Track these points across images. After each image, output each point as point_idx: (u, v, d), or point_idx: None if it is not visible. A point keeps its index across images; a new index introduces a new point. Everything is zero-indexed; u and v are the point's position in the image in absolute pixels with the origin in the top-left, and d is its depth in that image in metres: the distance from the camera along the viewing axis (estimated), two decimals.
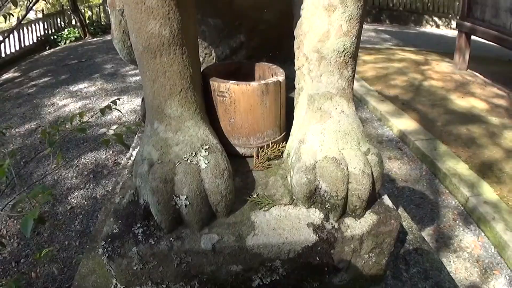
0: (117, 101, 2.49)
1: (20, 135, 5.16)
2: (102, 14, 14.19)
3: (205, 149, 1.07)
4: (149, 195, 1.03)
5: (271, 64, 1.41)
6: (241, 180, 1.18)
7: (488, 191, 3.73)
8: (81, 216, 3.47)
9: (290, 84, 1.37)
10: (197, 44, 1.27)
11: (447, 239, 3.32)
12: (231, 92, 1.18)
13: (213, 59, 1.67)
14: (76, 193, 3.84)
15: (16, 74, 8.59)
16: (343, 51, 1.15)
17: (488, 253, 3.17)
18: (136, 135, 2.05)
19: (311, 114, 1.19)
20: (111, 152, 4.57)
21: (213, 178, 1.02)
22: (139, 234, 1.06)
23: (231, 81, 1.19)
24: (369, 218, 1.13)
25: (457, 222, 3.51)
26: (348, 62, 1.18)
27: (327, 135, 1.12)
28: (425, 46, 10.79)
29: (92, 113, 5.64)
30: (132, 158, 1.74)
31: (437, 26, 16.64)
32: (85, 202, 3.69)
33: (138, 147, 1.18)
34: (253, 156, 1.26)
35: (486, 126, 5.16)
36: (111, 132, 4.74)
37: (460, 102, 5.95)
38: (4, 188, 2.41)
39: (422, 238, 1.53)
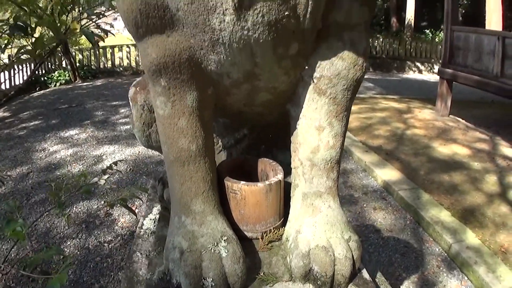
0: (108, 150, 2.76)
1: (11, 179, 5.30)
2: (92, 58, 14.39)
3: (224, 240, 1.40)
4: (182, 277, 1.34)
5: (271, 161, 1.76)
6: (250, 260, 1.49)
7: (471, 236, 4.01)
8: (74, 265, 3.61)
9: (286, 168, 1.71)
10: (214, 151, 1.61)
11: (431, 286, 3.56)
12: (242, 191, 1.52)
13: (220, 147, 2.02)
14: (69, 242, 3.99)
15: (6, 114, 8.73)
16: (330, 160, 1.52)
17: None
18: (145, 204, 2.28)
19: (305, 209, 1.54)
20: (102, 202, 4.71)
21: (232, 265, 1.35)
22: None
23: (242, 182, 1.54)
24: None
25: (441, 268, 3.77)
26: (333, 167, 1.54)
27: (318, 227, 1.47)
28: (408, 93, 11.16)
29: (84, 162, 5.85)
30: (144, 227, 2.02)
31: (420, 71, 17.11)
32: (78, 252, 3.85)
33: (167, 236, 1.51)
34: (258, 239, 1.59)
35: (468, 172, 5.46)
36: (102, 181, 4.93)
37: (443, 149, 6.26)
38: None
39: None
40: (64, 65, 13.31)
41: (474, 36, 7.78)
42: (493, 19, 14.63)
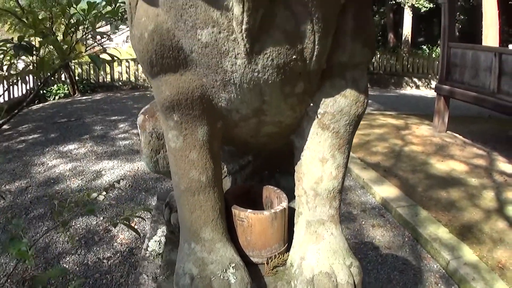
0: (107, 165, 2.81)
1: (10, 192, 5.35)
2: (91, 72, 14.44)
3: (233, 266, 1.47)
4: None
5: (275, 188, 1.83)
6: (256, 284, 1.55)
7: (468, 253, 4.08)
8: (73, 282, 3.62)
9: (288, 193, 1.78)
10: (222, 181, 1.69)
11: None
12: (248, 219, 1.59)
13: (225, 172, 2.09)
14: (68, 258, 4.04)
15: (5, 127, 8.68)
16: (332, 189, 1.60)
17: None
18: (149, 225, 2.29)
19: (309, 236, 1.61)
20: (101, 218, 4.76)
21: None
22: None
23: (249, 211, 1.60)
24: None
25: (439, 285, 3.84)
26: (336, 196, 1.62)
27: (321, 253, 1.54)
28: (406, 109, 11.26)
29: (83, 177, 5.89)
30: (149, 249, 2.07)
31: (417, 87, 17.26)
32: (77, 268, 3.90)
33: (177, 262, 1.57)
34: (263, 264, 1.65)
35: (465, 188, 5.54)
36: (101, 197, 4.94)
37: (440, 165, 6.35)
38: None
39: None
40: (63, 79, 13.39)
41: (471, 53, 7.90)
42: (490, 34, 14.74)
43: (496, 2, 14.67)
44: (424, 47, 20.89)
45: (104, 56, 2.77)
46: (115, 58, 2.50)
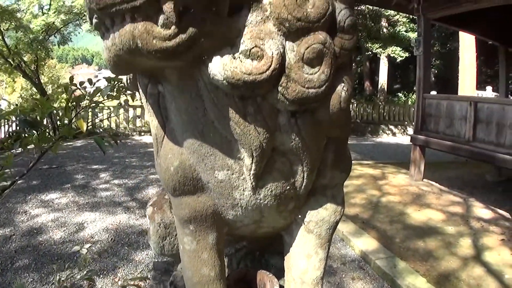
0: (89, 217, 2.84)
1: None
2: (73, 118, 14.46)
3: None
4: None
5: (268, 273, 2.12)
6: None
7: None
8: None
9: (278, 272, 2.13)
10: (225, 274, 2.00)
11: None
12: None
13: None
14: None
15: None
16: (316, 277, 1.95)
17: None
18: None
19: None
20: (85, 272, 4.68)
21: None
22: None
23: None
24: None
25: None
26: (319, 282, 1.96)
27: None
28: (383, 157, 11.44)
29: (65, 229, 5.81)
30: None
31: (394, 134, 17.59)
32: None
33: None
34: None
35: (442, 237, 5.63)
36: (84, 251, 4.92)
37: (417, 215, 6.45)
38: None
39: None
40: (45, 123, 13.28)
41: (446, 103, 8.12)
42: (467, 77, 15.12)
43: (474, 44, 15.17)
44: (400, 94, 21.41)
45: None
46: (115, 140, 2.66)
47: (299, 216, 1.95)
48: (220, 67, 1.29)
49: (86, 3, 1.19)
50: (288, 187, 1.71)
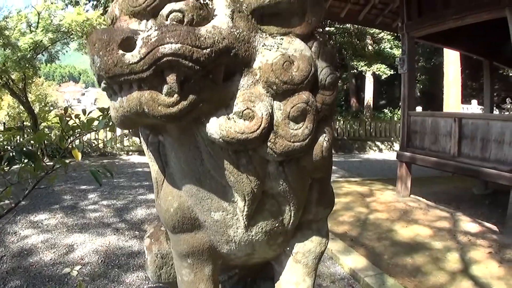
0: (78, 239, 2.88)
1: None
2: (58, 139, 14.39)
3: None
4: None
5: None
6: None
7: None
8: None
9: None
10: None
11: None
12: None
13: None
14: None
15: None
16: None
17: None
18: None
19: None
20: None
21: None
22: None
23: None
24: None
25: None
26: None
27: None
28: (370, 174, 11.51)
29: (55, 250, 5.77)
30: None
31: (380, 150, 17.76)
32: None
33: None
34: None
35: (430, 253, 5.68)
36: (74, 272, 4.92)
37: (404, 231, 6.50)
38: None
39: None
40: (32, 142, 13.20)
41: (431, 119, 8.24)
42: (452, 91, 15.28)
43: (458, 58, 15.37)
44: (386, 110, 21.60)
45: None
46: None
47: (288, 248, 2.14)
48: (217, 127, 1.47)
49: (95, 69, 1.32)
50: (277, 224, 1.90)
